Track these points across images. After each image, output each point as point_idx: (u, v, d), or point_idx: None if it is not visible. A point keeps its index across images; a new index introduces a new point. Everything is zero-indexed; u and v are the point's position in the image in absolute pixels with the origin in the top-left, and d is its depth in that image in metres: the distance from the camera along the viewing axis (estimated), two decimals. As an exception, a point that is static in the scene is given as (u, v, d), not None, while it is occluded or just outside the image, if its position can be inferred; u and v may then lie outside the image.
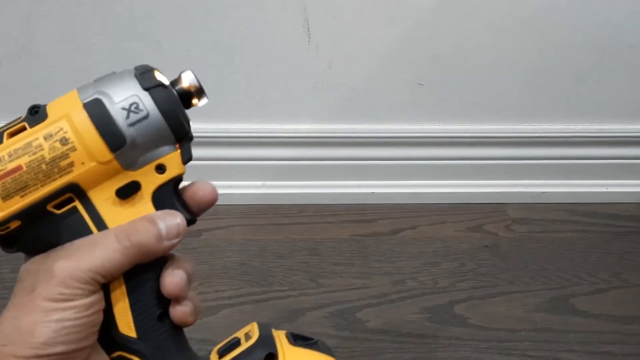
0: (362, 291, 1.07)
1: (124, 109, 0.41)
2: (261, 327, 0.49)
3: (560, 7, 1.12)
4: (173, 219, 0.43)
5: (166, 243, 0.42)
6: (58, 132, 0.40)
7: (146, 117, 0.41)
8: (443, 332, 1.00)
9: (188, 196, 0.46)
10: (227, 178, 1.23)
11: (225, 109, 1.19)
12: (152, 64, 0.46)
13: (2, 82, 1.16)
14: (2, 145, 0.40)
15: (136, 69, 0.44)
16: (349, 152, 1.23)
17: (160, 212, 0.43)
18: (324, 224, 1.21)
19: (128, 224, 0.42)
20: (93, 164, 0.41)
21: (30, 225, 0.42)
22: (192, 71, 0.45)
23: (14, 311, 0.41)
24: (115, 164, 0.41)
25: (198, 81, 0.45)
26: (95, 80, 0.43)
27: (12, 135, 0.41)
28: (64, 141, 0.40)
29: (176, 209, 0.44)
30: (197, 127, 1.18)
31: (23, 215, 0.41)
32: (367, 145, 1.23)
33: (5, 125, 0.41)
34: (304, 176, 1.25)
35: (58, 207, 0.42)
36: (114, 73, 0.43)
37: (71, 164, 0.40)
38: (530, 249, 1.17)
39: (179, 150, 0.44)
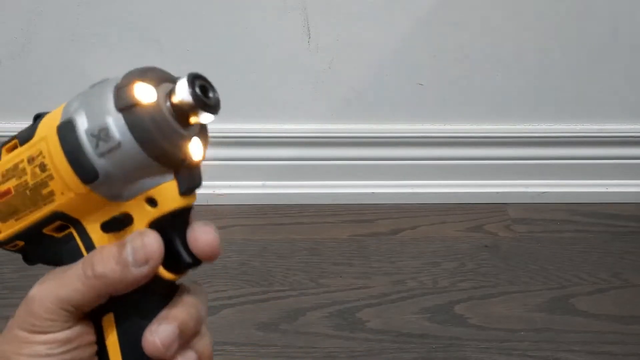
0: (362, 291, 1.07)
1: (92, 135, 0.34)
2: None
3: (561, 8, 1.12)
4: (141, 238, 0.35)
5: (135, 271, 0.35)
6: (38, 156, 0.35)
7: (118, 146, 0.33)
8: (443, 332, 1.00)
9: (190, 240, 0.37)
10: (228, 178, 1.23)
11: (225, 109, 1.18)
12: (151, 64, 0.40)
13: (2, 82, 1.16)
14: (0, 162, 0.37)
15: (124, 77, 0.35)
16: (349, 152, 1.23)
17: (131, 235, 0.36)
18: (324, 224, 1.21)
19: (97, 249, 0.36)
20: (72, 195, 0.35)
21: (34, 245, 0.39)
22: (190, 78, 0.35)
23: (1, 337, 0.37)
24: (96, 196, 0.35)
25: (194, 94, 0.34)
26: (89, 88, 0.37)
27: (9, 150, 0.37)
28: (42, 167, 0.35)
29: (176, 248, 0.37)
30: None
31: (23, 237, 0.38)
32: (367, 145, 1.23)
33: (9, 139, 0.38)
34: (304, 176, 1.25)
35: (57, 230, 0.38)
36: (102, 81, 0.36)
37: (52, 193, 0.35)
38: (530, 249, 1.16)
39: (174, 181, 0.35)
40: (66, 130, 0.34)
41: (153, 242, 0.35)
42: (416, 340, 0.98)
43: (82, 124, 0.34)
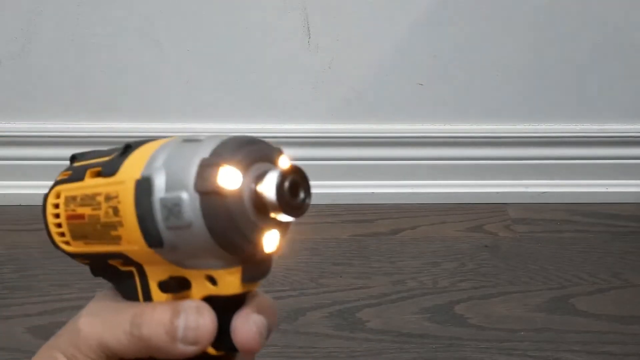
0: (362, 291, 1.07)
1: (165, 207, 0.32)
2: None
3: (561, 8, 1.12)
4: (196, 318, 0.33)
5: (181, 347, 0.33)
6: (114, 197, 0.34)
7: (187, 226, 0.32)
8: (443, 332, 1.00)
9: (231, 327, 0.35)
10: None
11: (226, 109, 1.19)
12: (152, 64, 0.36)
13: (2, 82, 1.16)
14: (82, 183, 0.36)
15: (216, 150, 0.32)
16: (349, 152, 1.23)
17: (188, 304, 0.34)
18: (324, 224, 1.21)
19: (150, 307, 0.35)
20: (136, 247, 0.34)
21: (98, 268, 0.38)
22: (282, 175, 0.32)
23: (43, 349, 0.37)
24: (159, 257, 0.34)
25: (279, 194, 0.31)
26: (182, 140, 0.34)
27: (93, 175, 0.36)
28: (115, 211, 0.34)
29: (226, 326, 0.34)
30: (196, 127, 1.18)
31: (89, 258, 0.38)
32: (367, 145, 1.23)
33: (94, 155, 0.38)
34: (304, 176, 1.24)
35: (122, 264, 0.37)
36: (196, 141, 0.33)
37: (119, 237, 0.34)
38: (531, 249, 1.16)
39: (239, 268, 0.33)
40: (142, 190, 0.33)
41: (208, 325, 0.33)
42: (416, 341, 0.98)
43: (159, 190, 0.32)
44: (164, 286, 0.35)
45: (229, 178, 0.31)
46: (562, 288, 1.08)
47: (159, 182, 0.32)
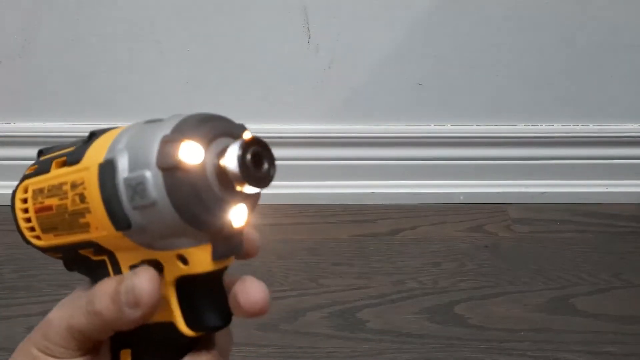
0: (362, 291, 1.07)
1: (130, 186, 0.32)
2: None
3: (561, 8, 1.12)
4: (132, 279, 0.33)
5: (128, 312, 0.33)
6: (80, 184, 0.34)
7: (152, 204, 0.31)
8: (443, 333, 1.00)
9: (240, 292, 0.35)
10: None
11: (225, 109, 1.19)
12: (151, 64, 0.36)
13: (2, 82, 1.16)
14: (48, 175, 0.36)
15: (176, 127, 0.32)
16: (349, 152, 1.23)
17: (130, 272, 0.34)
18: (324, 224, 1.21)
19: (98, 283, 0.35)
20: (105, 233, 0.34)
21: (70, 261, 0.39)
22: (244, 145, 0.32)
23: (19, 348, 0.38)
24: (129, 240, 0.34)
25: (242, 165, 0.31)
26: (144, 122, 0.34)
27: (58, 165, 0.36)
28: (82, 198, 0.34)
29: (202, 307, 0.35)
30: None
31: (60, 251, 0.38)
32: (367, 145, 1.23)
33: (59, 148, 0.38)
34: (304, 176, 1.25)
35: (93, 254, 0.37)
36: (156, 122, 0.33)
37: (87, 225, 0.34)
38: (531, 249, 1.16)
39: (209, 245, 0.33)
40: (106, 172, 0.33)
41: (143, 283, 0.33)
42: (416, 341, 0.98)
43: (123, 171, 0.32)
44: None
45: (191, 153, 0.31)
46: (562, 288, 1.08)
47: (122, 163, 0.32)
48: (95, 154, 0.34)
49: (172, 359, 0.36)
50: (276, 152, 0.35)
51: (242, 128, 0.34)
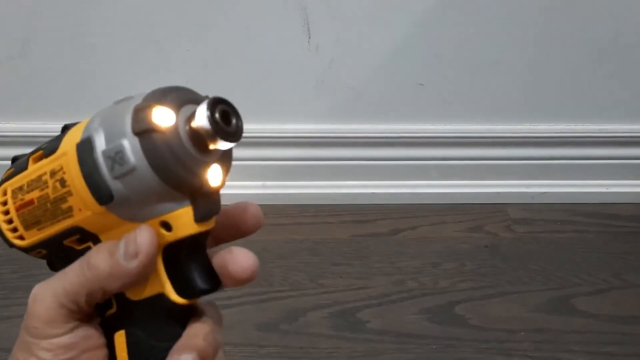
0: (363, 292, 1.07)
1: (109, 157, 0.33)
2: None
3: (561, 8, 1.12)
4: (133, 234, 0.35)
5: (124, 264, 0.35)
6: (59, 171, 0.35)
7: (132, 170, 0.33)
8: (443, 333, 1.00)
9: (217, 263, 0.37)
10: (227, 178, 1.23)
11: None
12: (151, 64, 0.37)
13: (2, 82, 1.16)
14: (26, 172, 0.38)
15: (145, 97, 0.34)
16: (349, 152, 1.23)
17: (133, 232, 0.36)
18: (324, 224, 1.21)
19: (97, 245, 0.37)
20: (89, 212, 0.35)
21: (55, 255, 0.39)
22: (211, 103, 0.33)
23: (17, 342, 0.37)
24: (112, 216, 0.35)
25: (212, 121, 0.33)
26: (113, 104, 0.36)
27: (35, 160, 0.38)
28: (62, 183, 0.35)
29: (190, 272, 0.36)
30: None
31: (45, 246, 0.39)
32: (367, 145, 1.23)
33: (36, 148, 0.39)
34: (304, 176, 1.25)
35: (77, 243, 0.38)
36: (126, 99, 0.35)
37: (70, 208, 0.36)
38: (531, 249, 1.16)
39: (190, 207, 0.35)
40: (84, 150, 0.34)
41: (144, 236, 0.35)
42: (416, 341, 0.98)
43: (100, 145, 0.34)
44: None
45: (163, 116, 0.33)
46: (562, 288, 1.08)
47: (99, 139, 0.34)
48: (70, 140, 0.36)
49: (166, 332, 0.37)
50: (276, 152, 0.36)
51: (206, 96, 0.35)
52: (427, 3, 1.11)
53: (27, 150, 0.42)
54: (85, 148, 0.34)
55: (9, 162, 0.41)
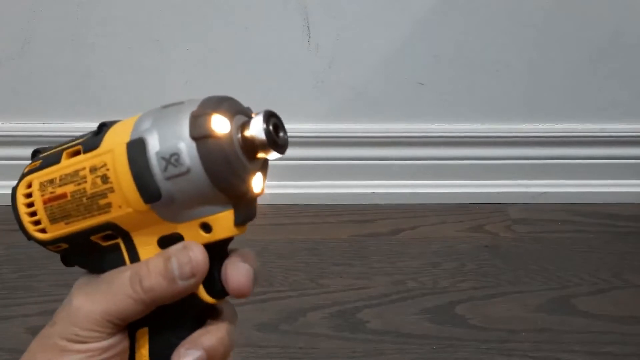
0: (363, 292, 1.07)
1: (163, 158, 0.35)
2: None
3: (561, 8, 1.12)
4: (186, 253, 0.36)
5: (181, 284, 0.36)
6: (102, 167, 0.36)
7: (186, 172, 0.35)
8: (443, 333, 1.00)
9: (222, 274, 0.39)
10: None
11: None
12: (151, 64, 0.39)
13: (2, 82, 1.16)
14: (59, 165, 0.38)
15: (201, 104, 0.36)
16: (349, 152, 1.23)
17: (175, 247, 0.37)
18: (324, 224, 1.21)
19: (142, 263, 0.37)
20: (130, 210, 0.36)
21: (78, 250, 0.40)
22: (266, 116, 0.37)
23: (36, 343, 0.38)
24: (154, 214, 0.36)
25: (267, 132, 0.36)
26: (161, 107, 0.37)
27: (70, 155, 0.38)
28: (104, 179, 0.36)
29: (219, 273, 0.38)
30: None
31: (69, 240, 0.39)
32: (367, 145, 1.23)
33: (69, 141, 0.39)
34: (304, 176, 1.25)
35: (104, 239, 0.39)
36: (177, 104, 0.36)
37: (109, 205, 0.37)
38: (531, 249, 1.16)
39: (232, 211, 0.37)
40: (136, 149, 0.35)
41: (199, 256, 0.36)
42: (416, 341, 0.98)
43: (154, 146, 0.35)
44: (160, 243, 0.38)
45: (220, 124, 0.35)
46: (562, 288, 1.08)
47: (152, 140, 0.35)
48: (116, 138, 0.37)
49: (187, 330, 0.38)
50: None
51: (249, 108, 0.39)
52: (427, 3, 1.11)
53: (27, 150, 0.42)
54: (137, 147, 0.35)
55: (9, 162, 0.41)
